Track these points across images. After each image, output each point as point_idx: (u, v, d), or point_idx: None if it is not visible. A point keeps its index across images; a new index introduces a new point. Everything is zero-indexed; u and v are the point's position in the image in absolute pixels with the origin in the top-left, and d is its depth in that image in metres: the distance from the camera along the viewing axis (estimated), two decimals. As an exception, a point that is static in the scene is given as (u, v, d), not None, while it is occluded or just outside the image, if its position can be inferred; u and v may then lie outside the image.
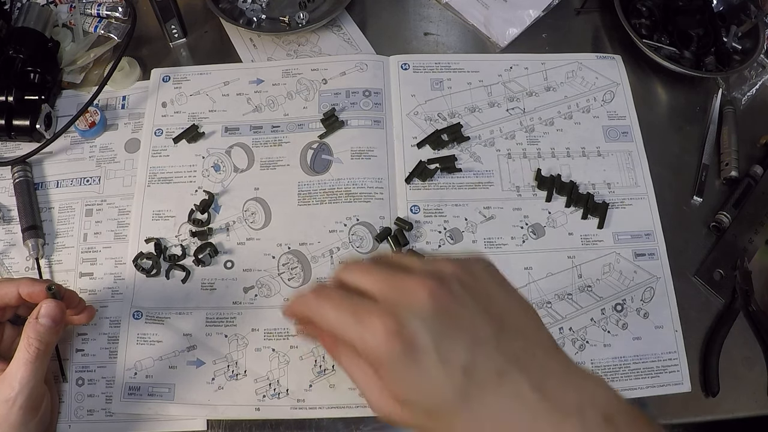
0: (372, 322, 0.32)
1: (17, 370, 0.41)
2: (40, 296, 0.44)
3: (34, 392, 0.42)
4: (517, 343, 0.34)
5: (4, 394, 0.41)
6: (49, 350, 0.43)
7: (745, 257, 0.56)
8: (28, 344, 0.41)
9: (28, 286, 0.44)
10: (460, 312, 0.34)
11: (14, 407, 0.41)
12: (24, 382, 0.41)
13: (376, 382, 0.34)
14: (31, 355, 0.41)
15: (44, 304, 0.43)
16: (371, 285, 0.35)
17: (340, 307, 0.34)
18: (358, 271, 0.36)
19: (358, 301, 0.34)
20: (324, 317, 0.34)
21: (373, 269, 0.36)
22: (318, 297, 0.35)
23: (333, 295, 0.35)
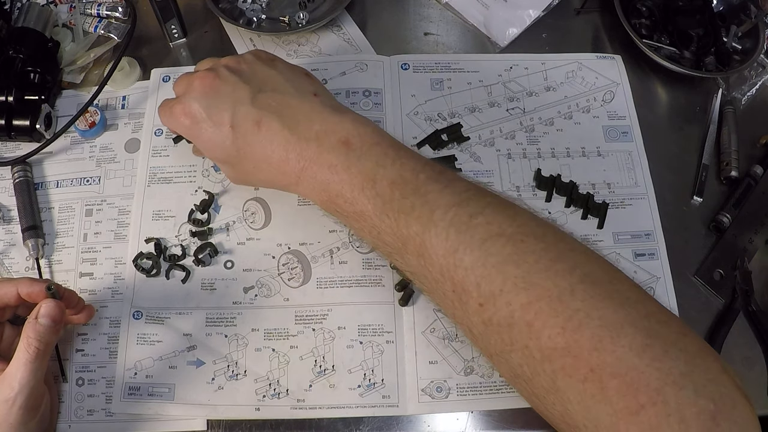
0: (175, 111, 0.47)
1: (17, 370, 0.41)
2: (40, 296, 0.44)
3: (34, 392, 0.42)
4: (273, 98, 0.45)
5: (3, 394, 0.41)
6: (48, 350, 0.43)
7: (745, 257, 0.56)
8: (28, 344, 0.41)
9: (28, 286, 0.44)
10: (223, 87, 0.45)
11: (14, 407, 0.41)
12: (24, 382, 0.41)
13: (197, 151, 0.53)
14: (30, 355, 0.41)
15: (44, 304, 0.43)
16: (179, 90, 0.49)
17: (164, 111, 0.49)
18: (175, 83, 0.50)
19: (171, 102, 0.48)
20: (163, 121, 0.50)
21: (180, 79, 0.49)
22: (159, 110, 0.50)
23: (163, 104, 0.50)
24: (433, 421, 0.50)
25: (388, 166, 0.41)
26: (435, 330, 0.52)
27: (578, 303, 0.34)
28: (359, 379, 0.50)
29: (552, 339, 0.33)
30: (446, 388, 0.50)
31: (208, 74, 0.46)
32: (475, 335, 0.38)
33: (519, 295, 0.35)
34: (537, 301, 0.34)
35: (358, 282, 0.53)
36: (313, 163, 0.43)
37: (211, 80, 0.46)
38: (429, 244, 0.38)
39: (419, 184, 0.40)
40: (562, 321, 0.33)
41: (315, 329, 0.52)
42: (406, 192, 0.40)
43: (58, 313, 0.43)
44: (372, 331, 0.52)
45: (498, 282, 0.36)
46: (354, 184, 0.41)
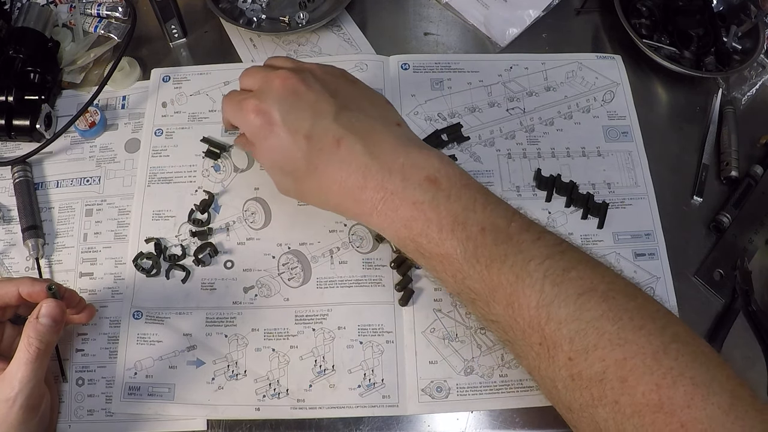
0: (246, 105, 0.44)
1: (17, 370, 0.41)
2: (40, 296, 0.44)
3: (35, 392, 0.42)
4: (358, 118, 0.43)
5: (4, 393, 0.41)
6: (49, 350, 0.42)
7: (745, 257, 0.56)
8: (29, 344, 0.41)
9: (28, 285, 0.44)
10: (306, 94, 0.43)
11: (14, 406, 0.40)
12: (24, 381, 0.41)
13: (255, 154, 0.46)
14: (31, 355, 0.41)
15: (44, 303, 0.43)
16: (251, 83, 0.46)
17: (231, 103, 0.46)
18: (246, 74, 0.47)
19: (242, 95, 0.45)
20: (227, 113, 0.47)
21: (254, 71, 0.47)
22: (224, 100, 0.48)
23: (231, 95, 0.47)
24: (433, 421, 0.50)
25: (479, 211, 0.40)
26: (435, 330, 0.52)
27: (672, 362, 0.34)
28: (359, 379, 0.50)
29: (645, 395, 0.34)
30: (446, 388, 0.50)
31: (292, 76, 0.43)
32: (559, 389, 0.38)
33: (614, 351, 0.35)
34: (632, 358, 0.35)
35: (358, 282, 0.53)
36: (395, 196, 0.40)
37: (295, 83, 0.43)
38: (521, 294, 0.37)
39: (512, 232, 0.39)
40: (657, 378, 0.34)
41: (315, 329, 0.52)
42: (499, 239, 0.39)
43: (59, 313, 0.43)
44: (372, 331, 0.52)
45: (593, 337, 0.36)
46: (443, 224, 0.39)
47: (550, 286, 0.37)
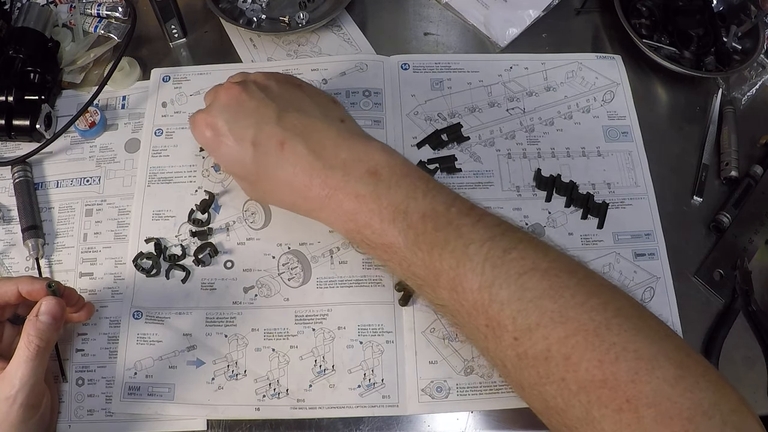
0: (197, 120, 0.46)
1: (17, 368, 0.41)
2: (40, 294, 0.44)
3: (35, 390, 0.42)
4: (299, 119, 0.44)
5: (4, 392, 0.41)
6: (49, 348, 0.43)
7: (745, 257, 0.56)
8: (29, 342, 0.41)
9: (28, 284, 0.44)
10: (248, 102, 0.44)
11: (14, 405, 0.41)
12: (24, 379, 0.41)
13: None
14: (31, 353, 0.41)
15: (44, 301, 0.43)
16: (205, 100, 0.49)
17: (189, 121, 0.48)
18: (207, 92, 0.49)
19: (197, 111, 0.47)
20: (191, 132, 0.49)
21: (210, 89, 0.48)
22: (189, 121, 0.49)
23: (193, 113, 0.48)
24: (433, 421, 0.50)
25: (419, 199, 0.41)
26: (435, 330, 0.52)
27: (614, 337, 0.35)
28: (359, 379, 0.50)
29: (589, 371, 0.34)
30: (446, 388, 0.50)
31: (234, 87, 0.45)
32: (509, 369, 0.38)
33: (556, 329, 0.35)
34: (574, 335, 0.35)
35: (358, 282, 0.53)
36: (338, 191, 0.42)
37: (237, 93, 0.45)
38: (463, 278, 0.38)
39: (452, 217, 0.40)
40: (599, 354, 0.34)
41: (315, 329, 0.52)
42: (439, 225, 0.40)
43: (59, 311, 0.43)
44: (372, 331, 0.52)
45: (535, 316, 0.36)
46: (384, 215, 0.41)
47: (491, 268, 0.38)
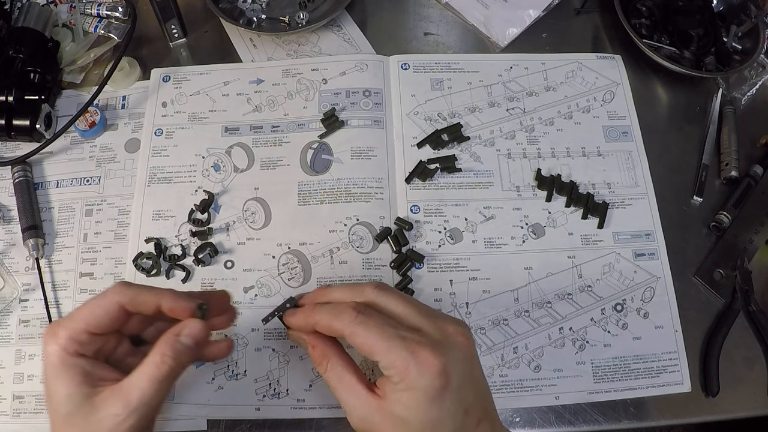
0: (424, 355, 0.35)
1: (140, 386, 0.35)
2: (184, 314, 0.38)
3: (150, 415, 0.36)
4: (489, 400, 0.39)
5: (116, 407, 0.35)
6: (180, 372, 0.37)
7: (745, 257, 0.56)
8: (162, 361, 0.36)
9: (172, 300, 0.38)
10: (478, 363, 0.39)
11: (125, 423, 0.35)
12: (145, 399, 0.35)
13: (370, 400, 0.37)
14: (162, 373, 0.36)
15: (191, 323, 0.38)
16: (414, 317, 0.38)
17: (385, 332, 0.36)
18: (398, 298, 0.39)
19: (406, 332, 0.37)
20: (364, 338, 0.36)
21: (410, 301, 0.39)
22: (361, 315, 0.37)
23: (375, 318, 0.37)
24: (433, 421, 0.50)
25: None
26: (435, 330, 0.52)
27: None
28: (359, 379, 0.50)
29: None
30: (446, 388, 0.50)
31: (470, 337, 0.39)
32: None
33: None
34: None
35: (358, 282, 0.53)
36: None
37: (474, 350, 0.39)
38: None
39: None
40: None
41: (315, 329, 0.52)
42: None
43: (204, 337, 0.38)
44: (372, 331, 0.52)
45: None
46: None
47: None
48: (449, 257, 0.55)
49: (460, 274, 0.54)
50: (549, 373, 0.51)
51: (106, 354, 0.39)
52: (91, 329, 0.37)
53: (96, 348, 0.38)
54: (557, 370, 0.51)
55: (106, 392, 0.36)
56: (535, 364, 0.51)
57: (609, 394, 0.51)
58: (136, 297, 0.38)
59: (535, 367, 0.51)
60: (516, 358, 0.52)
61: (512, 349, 0.52)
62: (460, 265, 0.55)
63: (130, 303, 0.37)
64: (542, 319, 0.53)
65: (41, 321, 0.53)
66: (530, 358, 0.52)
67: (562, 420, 0.50)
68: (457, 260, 0.55)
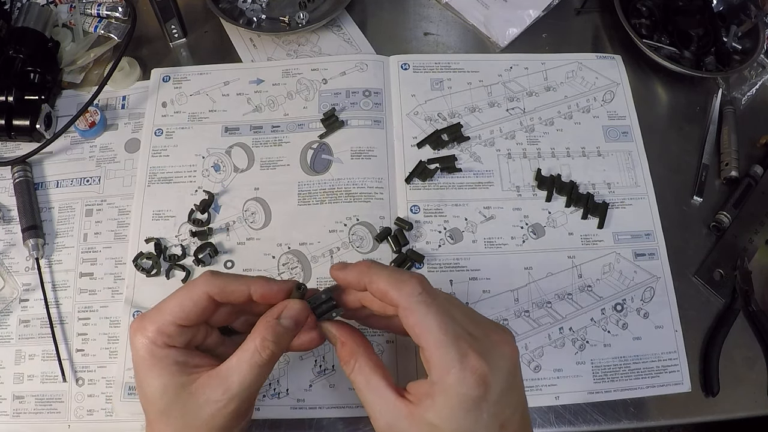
0: (472, 361, 0.33)
1: (240, 371, 0.35)
2: (278, 297, 0.38)
3: (251, 399, 0.36)
4: (526, 414, 0.37)
5: (216, 393, 0.35)
6: (280, 355, 0.37)
7: (745, 257, 0.56)
8: (263, 346, 0.35)
9: (263, 285, 0.37)
10: (520, 375, 0.36)
11: (225, 409, 0.35)
12: (246, 384, 0.35)
13: (399, 405, 0.35)
14: (263, 358, 0.35)
15: (291, 303, 0.37)
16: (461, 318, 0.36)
17: (444, 323, 0.34)
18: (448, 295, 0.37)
19: (462, 331, 0.35)
20: (421, 320, 0.34)
21: (458, 300, 0.38)
22: (426, 293, 0.35)
23: (440, 302, 0.35)
24: (433, 421, 0.50)
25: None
26: (435, 330, 0.52)
27: None
28: (359, 379, 0.50)
29: None
30: (446, 388, 0.50)
31: (513, 344, 0.37)
32: None
33: None
34: None
35: (358, 282, 0.53)
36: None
37: (519, 359, 0.37)
38: None
39: None
40: None
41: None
42: None
43: (304, 317, 0.37)
44: (372, 331, 0.52)
45: None
46: None
47: None
48: (449, 257, 0.55)
49: (460, 274, 0.54)
50: (549, 373, 0.51)
51: (196, 344, 0.38)
52: (179, 321, 0.35)
53: (186, 340, 0.37)
54: (557, 370, 0.51)
55: (203, 378, 0.35)
56: (535, 364, 0.51)
57: (609, 394, 0.51)
58: (226, 286, 0.36)
59: (535, 367, 0.51)
60: (516, 358, 0.52)
61: (512, 349, 0.52)
62: (460, 265, 0.55)
63: (220, 293, 0.36)
64: (542, 319, 0.53)
65: (41, 321, 0.53)
66: (530, 358, 0.52)
67: (562, 420, 0.50)
68: (457, 260, 0.55)
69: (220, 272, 0.37)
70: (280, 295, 0.38)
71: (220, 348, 0.40)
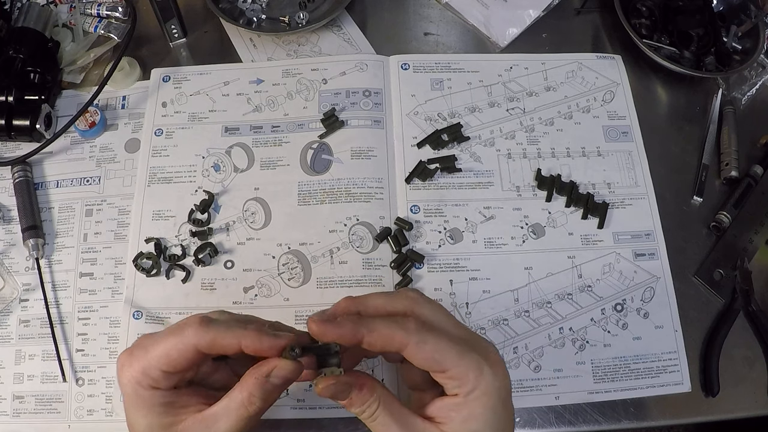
0: (494, 356, 0.35)
1: (227, 419, 0.34)
2: (269, 353, 0.35)
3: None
4: None
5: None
6: (267, 408, 0.36)
7: (745, 257, 0.56)
8: (250, 402, 0.34)
9: (255, 341, 0.35)
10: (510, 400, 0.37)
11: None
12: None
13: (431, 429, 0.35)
14: (249, 413, 0.34)
15: (282, 364, 0.35)
16: (456, 328, 0.36)
17: (453, 339, 0.34)
18: (438, 307, 0.37)
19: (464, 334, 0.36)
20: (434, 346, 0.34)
21: (447, 311, 0.38)
22: (426, 325, 0.35)
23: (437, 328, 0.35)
24: (433, 421, 0.50)
25: None
26: (435, 330, 0.52)
27: None
28: (359, 379, 0.50)
29: None
30: (446, 388, 0.50)
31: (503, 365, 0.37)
32: None
33: None
34: None
35: (358, 282, 0.53)
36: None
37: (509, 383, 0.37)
38: None
39: None
40: None
41: (315, 329, 0.52)
42: None
43: (296, 376, 0.35)
44: (372, 331, 0.52)
45: None
46: None
47: None
48: (449, 257, 0.55)
49: (460, 274, 0.54)
50: (549, 373, 0.51)
51: (186, 380, 0.37)
52: (164, 368, 0.34)
53: (172, 383, 0.35)
54: (557, 370, 0.51)
55: (189, 421, 0.34)
56: (535, 364, 0.51)
57: (609, 394, 0.51)
58: (216, 341, 0.34)
59: (535, 367, 0.51)
60: (516, 358, 0.52)
61: (512, 349, 0.52)
62: (460, 265, 0.55)
63: (208, 347, 0.34)
64: (542, 319, 0.53)
65: (41, 321, 0.53)
66: (530, 358, 0.52)
67: (562, 420, 0.50)
68: (457, 260, 0.55)
69: (211, 321, 0.35)
70: (273, 352, 0.35)
71: (213, 376, 0.38)
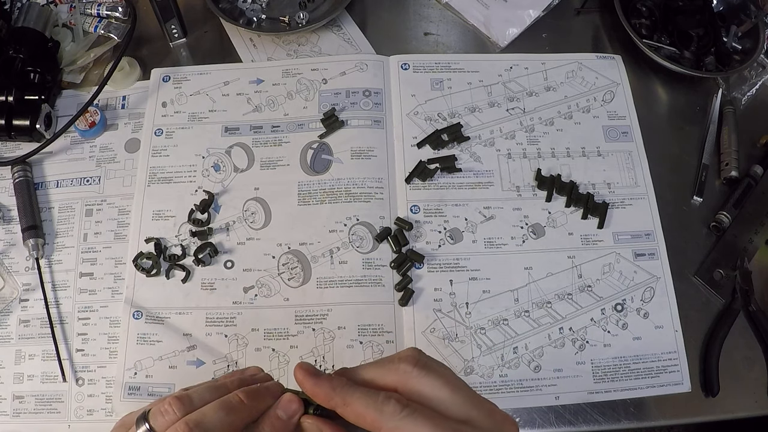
0: None
1: None
2: None
3: None
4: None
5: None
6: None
7: (745, 257, 0.56)
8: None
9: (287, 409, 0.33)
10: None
11: None
12: None
13: None
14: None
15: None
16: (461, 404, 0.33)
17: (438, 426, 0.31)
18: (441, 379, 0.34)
19: (458, 425, 0.32)
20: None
21: (454, 382, 0.34)
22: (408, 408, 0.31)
23: (423, 409, 0.32)
24: (433, 421, 0.50)
25: None
26: (435, 330, 0.52)
27: None
28: (359, 379, 0.50)
29: None
30: (446, 388, 0.50)
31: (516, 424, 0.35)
32: None
33: None
34: None
35: (358, 282, 0.53)
36: None
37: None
38: None
39: None
40: None
41: (315, 329, 0.52)
42: None
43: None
44: (372, 331, 0.52)
45: None
46: None
47: None
48: (449, 257, 0.55)
49: (460, 274, 0.54)
50: (549, 373, 0.51)
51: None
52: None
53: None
54: (557, 370, 0.51)
55: None
56: (535, 364, 0.51)
57: (609, 394, 0.51)
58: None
59: (535, 367, 0.51)
60: (516, 358, 0.52)
61: (512, 349, 0.52)
62: (460, 265, 0.55)
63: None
64: (542, 319, 0.53)
65: (41, 321, 0.53)
66: (530, 358, 0.52)
67: (562, 420, 0.50)
68: (457, 260, 0.55)
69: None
70: None
71: None
